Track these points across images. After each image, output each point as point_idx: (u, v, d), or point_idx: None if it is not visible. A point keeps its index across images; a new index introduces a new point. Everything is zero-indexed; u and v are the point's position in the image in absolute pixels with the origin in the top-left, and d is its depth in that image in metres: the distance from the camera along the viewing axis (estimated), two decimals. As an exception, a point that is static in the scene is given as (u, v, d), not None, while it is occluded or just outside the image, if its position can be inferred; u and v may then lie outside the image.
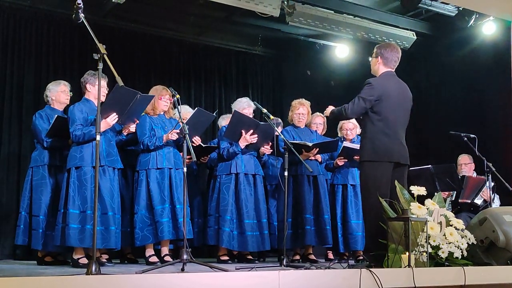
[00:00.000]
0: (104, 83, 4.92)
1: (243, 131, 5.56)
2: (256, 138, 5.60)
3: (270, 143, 5.69)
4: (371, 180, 4.36)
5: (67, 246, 4.71)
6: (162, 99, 5.29)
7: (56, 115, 5.07)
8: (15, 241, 5.28)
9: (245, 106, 5.79)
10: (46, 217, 5.08)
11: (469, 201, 6.42)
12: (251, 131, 5.56)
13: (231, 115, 5.93)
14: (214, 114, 6.18)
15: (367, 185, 4.40)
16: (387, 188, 4.34)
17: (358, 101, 4.43)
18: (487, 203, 6.32)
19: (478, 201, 6.44)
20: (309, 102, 6.14)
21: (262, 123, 5.59)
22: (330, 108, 4.75)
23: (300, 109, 6.06)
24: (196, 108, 5.48)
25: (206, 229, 5.71)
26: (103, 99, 4.61)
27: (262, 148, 5.79)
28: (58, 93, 5.38)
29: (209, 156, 6.11)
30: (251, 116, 5.76)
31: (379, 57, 4.59)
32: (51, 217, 5.00)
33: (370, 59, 4.72)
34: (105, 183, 4.78)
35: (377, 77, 4.58)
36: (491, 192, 6.22)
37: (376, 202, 4.28)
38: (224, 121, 6.19)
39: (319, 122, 6.29)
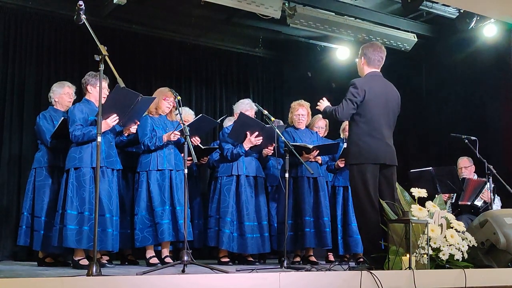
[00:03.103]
0: (105, 84, 4.91)
1: (248, 133, 5.57)
2: (261, 140, 5.60)
3: (274, 145, 5.70)
4: (359, 183, 4.35)
5: (64, 247, 4.70)
6: (166, 100, 5.30)
7: (62, 118, 5.07)
8: (17, 242, 5.27)
9: (247, 107, 5.80)
10: (47, 219, 5.08)
11: (469, 203, 6.42)
12: (256, 133, 5.57)
13: (234, 117, 5.94)
14: (218, 121, 6.19)
15: (356, 187, 4.40)
16: (375, 190, 4.34)
17: (346, 103, 4.42)
18: (487, 205, 6.32)
19: (478, 202, 6.43)
20: (309, 103, 6.15)
21: (267, 125, 5.60)
22: (324, 103, 4.72)
23: (300, 110, 6.07)
24: (201, 115, 5.49)
25: (207, 230, 5.71)
26: (104, 100, 4.60)
27: (265, 149, 5.79)
28: (61, 95, 5.39)
29: (208, 157, 6.11)
30: (253, 117, 5.77)
31: (363, 57, 4.59)
32: (53, 219, 5.00)
33: (356, 60, 4.72)
34: (104, 185, 4.77)
35: (361, 78, 4.58)
36: (491, 193, 6.22)
37: (366, 203, 4.29)
38: (230, 122, 6.18)
39: (321, 126, 6.29)
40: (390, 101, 4.52)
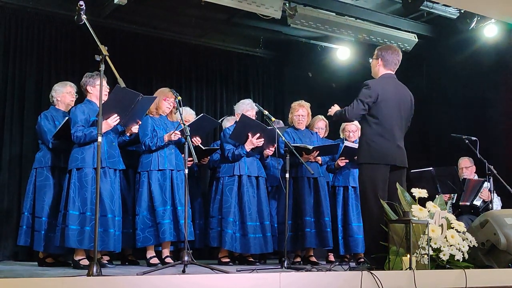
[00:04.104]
0: (104, 82, 4.91)
1: (249, 134, 5.57)
2: (262, 142, 5.60)
3: (275, 145, 5.70)
4: (368, 183, 4.37)
5: (66, 247, 4.71)
6: (166, 100, 5.31)
7: (66, 118, 5.06)
8: (17, 242, 5.26)
9: (248, 108, 5.80)
10: (48, 219, 5.07)
11: (468, 203, 6.42)
12: (258, 134, 5.56)
13: (234, 117, 5.94)
14: (219, 121, 6.19)
15: (364, 187, 4.42)
16: (384, 190, 4.36)
17: (357, 103, 4.44)
18: (486, 204, 6.32)
19: (477, 202, 6.43)
20: (309, 104, 6.15)
21: (269, 127, 5.59)
22: (335, 108, 4.76)
23: (300, 111, 6.07)
24: (202, 114, 5.49)
25: (208, 230, 5.71)
26: (105, 98, 4.60)
27: (267, 150, 5.79)
28: (64, 94, 5.38)
29: (209, 157, 6.11)
30: (254, 117, 5.77)
31: (380, 59, 4.60)
32: (54, 219, 5.00)
33: (370, 60, 4.73)
34: (106, 185, 4.78)
35: (375, 79, 4.59)
36: (491, 192, 6.21)
37: (373, 204, 4.30)
38: (229, 122, 6.19)
39: (321, 126, 6.29)
40: (403, 103, 4.54)
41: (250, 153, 5.68)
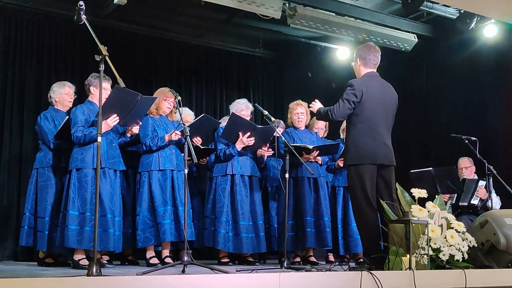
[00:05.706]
0: (108, 85, 4.92)
1: (240, 133, 5.56)
2: (253, 141, 5.59)
3: (268, 145, 5.69)
4: (357, 184, 4.35)
5: (66, 247, 4.71)
6: (166, 100, 5.31)
7: (67, 117, 5.06)
8: (19, 243, 5.24)
9: (243, 107, 5.79)
10: (51, 219, 5.06)
11: (466, 203, 6.42)
12: (248, 133, 5.56)
13: (230, 116, 5.94)
14: (220, 121, 6.20)
15: (353, 188, 4.41)
16: (372, 190, 4.34)
17: (343, 103, 4.42)
18: (484, 202, 6.32)
19: (475, 201, 6.43)
20: (307, 103, 6.15)
21: (259, 126, 5.58)
22: (317, 104, 4.72)
23: (298, 109, 6.07)
24: (203, 115, 5.49)
25: (203, 230, 5.71)
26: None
27: (260, 150, 5.79)
28: (62, 95, 5.38)
29: (207, 158, 6.10)
30: (248, 117, 5.76)
31: (358, 59, 4.61)
32: (56, 219, 5.00)
33: (352, 63, 4.74)
34: (105, 186, 4.78)
35: (359, 78, 4.59)
36: (489, 191, 6.21)
37: (365, 204, 4.29)
38: (224, 122, 6.19)
39: (320, 127, 6.30)
40: (387, 101, 4.52)
41: (242, 153, 5.67)
